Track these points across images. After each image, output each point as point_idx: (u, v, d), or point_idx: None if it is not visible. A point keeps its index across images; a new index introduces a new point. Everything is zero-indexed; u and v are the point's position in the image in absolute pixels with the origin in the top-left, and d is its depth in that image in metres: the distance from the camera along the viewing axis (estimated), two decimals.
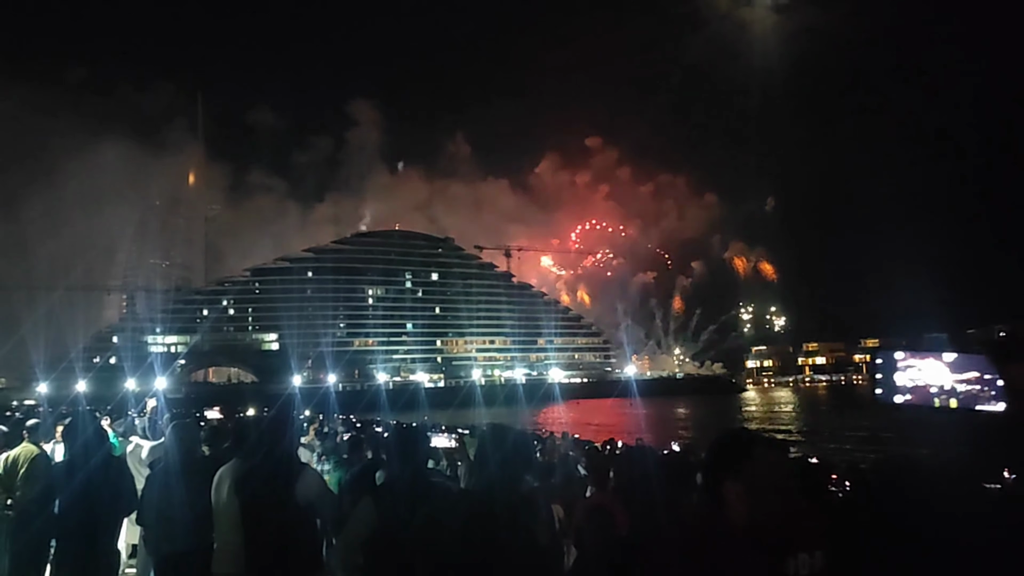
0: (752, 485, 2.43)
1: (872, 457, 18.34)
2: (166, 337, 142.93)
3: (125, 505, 5.79)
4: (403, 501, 3.94)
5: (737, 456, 2.51)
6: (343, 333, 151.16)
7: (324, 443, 10.77)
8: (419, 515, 3.60)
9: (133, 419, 11.34)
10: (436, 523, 3.38)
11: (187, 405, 45.66)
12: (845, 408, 74.96)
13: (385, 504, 3.99)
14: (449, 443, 9.64)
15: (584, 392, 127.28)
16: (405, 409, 62.46)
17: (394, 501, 3.97)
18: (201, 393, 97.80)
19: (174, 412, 14.25)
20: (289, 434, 4.53)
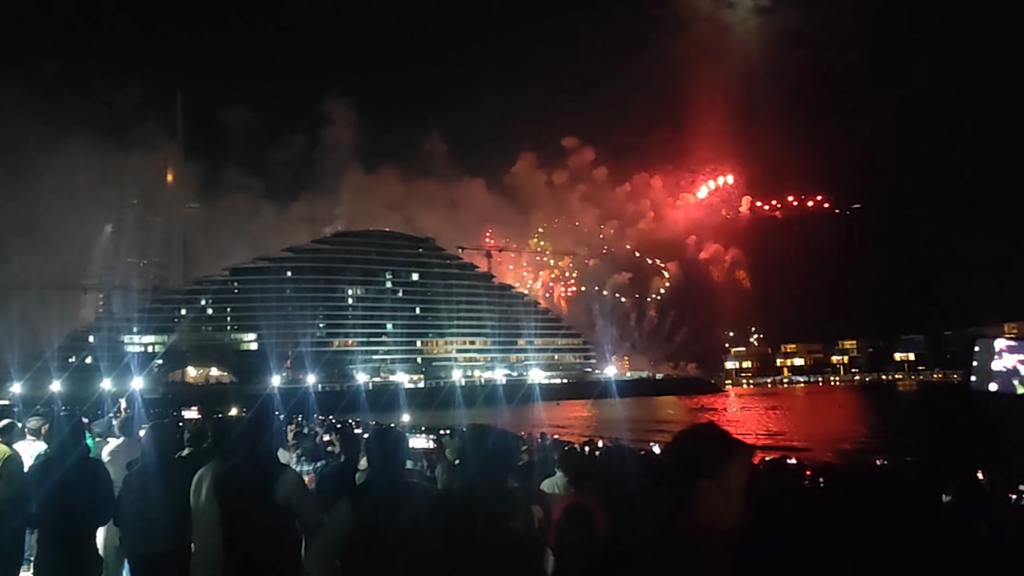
0: (727, 487, 2.46)
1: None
2: (143, 337, 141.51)
3: (102, 507, 5.73)
4: (380, 502, 3.95)
5: (719, 457, 2.49)
6: (322, 333, 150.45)
7: (303, 444, 10.73)
8: (402, 517, 3.61)
9: (111, 420, 11.24)
10: (418, 525, 3.40)
11: (164, 405, 45.22)
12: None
13: (362, 505, 4.00)
14: (427, 444, 9.63)
15: (564, 393, 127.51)
16: (385, 410, 62.20)
17: (371, 502, 3.97)
18: (179, 393, 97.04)
19: (150, 412, 14.19)
20: (268, 435, 4.51)
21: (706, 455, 2.51)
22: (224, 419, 4.60)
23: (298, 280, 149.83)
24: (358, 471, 6.80)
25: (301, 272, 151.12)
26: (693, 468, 2.47)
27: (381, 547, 3.65)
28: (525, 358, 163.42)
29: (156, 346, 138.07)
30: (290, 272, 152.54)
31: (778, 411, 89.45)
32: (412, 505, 3.76)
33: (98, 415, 14.05)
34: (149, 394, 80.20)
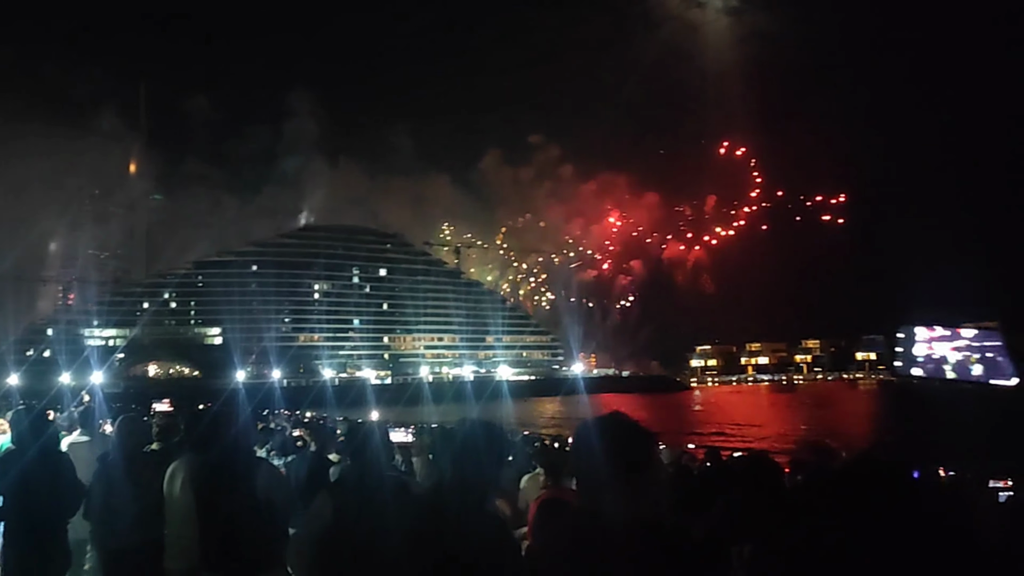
0: (655, 480, 2.53)
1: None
2: (103, 330, 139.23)
3: (68, 500, 5.58)
4: (359, 496, 3.86)
5: (650, 451, 2.56)
6: (288, 328, 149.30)
7: (272, 439, 10.58)
8: (380, 510, 3.53)
9: (74, 413, 10.98)
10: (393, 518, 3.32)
11: (126, 400, 44.54)
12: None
13: (341, 500, 3.91)
14: (405, 438, 9.54)
15: (532, 389, 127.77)
16: (352, 406, 61.81)
17: (350, 496, 3.89)
18: (140, 388, 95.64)
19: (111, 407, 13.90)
20: (245, 429, 4.41)
21: (639, 448, 2.53)
22: (196, 412, 4.49)
23: (263, 274, 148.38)
24: (332, 465, 6.70)
25: (266, 266, 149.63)
26: (632, 461, 2.48)
27: (360, 540, 3.57)
28: (493, 355, 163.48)
29: (117, 340, 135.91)
30: (255, 266, 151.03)
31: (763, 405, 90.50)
32: (391, 498, 3.69)
33: (57, 409, 13.74)
34: (110, 388, 78.93)
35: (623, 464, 2.47)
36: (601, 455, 2.51)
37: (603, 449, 2.52)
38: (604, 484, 2.44)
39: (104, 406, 14.16)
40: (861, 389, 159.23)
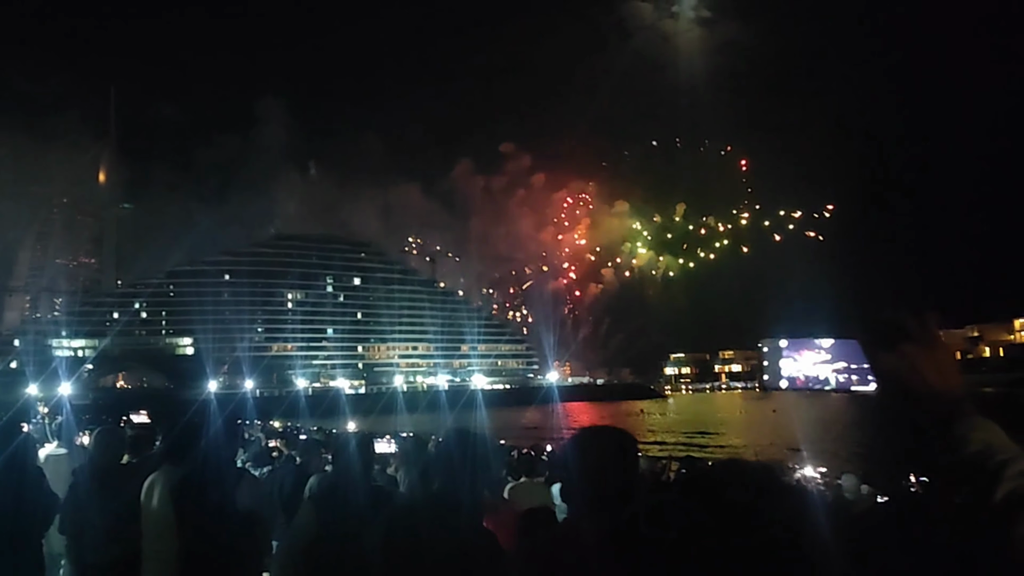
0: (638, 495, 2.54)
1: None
2: (72, 341, 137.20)
3: (40, 514, 5.50)
4: (344, 507, 3.86)
5: (634, 470, 2.60)
6: (261, 338, 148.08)
7: (249, 450, 10.51)
8: (365, 522, 3.53)
9: (44, 425, 10.84)
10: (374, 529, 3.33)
11: (95, 411, 43.86)
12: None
13: (324, 511, 3.91)
14: (389, 448, 9.52)
15: (507, 398, 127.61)
16: (325, 416, 61.41)
17: (334, 508, 3.89)
18: (110, 399, 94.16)
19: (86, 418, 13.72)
20: (223, 439, 4.37)
21: (623, 469, 2.51)
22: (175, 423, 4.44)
23: (236, 283, 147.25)
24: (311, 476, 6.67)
25: (239, 275, 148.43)
26: (617, 485, 2.45)
27: (344, 551, 3.56)
28: (468, 364, 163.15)
29: (86, 350, 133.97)
30: (228, 275, 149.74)
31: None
32: (374, 509, 3.69)
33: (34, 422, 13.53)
34: (78, 400, 77.63)
35: (610, 485, 2.46)
36: (588, 474, 2.50)
37: (589, 469, 2.51)
38: (591, 500, 2.45)
39: (72, 418, 13.98)
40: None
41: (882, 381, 1.43)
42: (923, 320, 1.52)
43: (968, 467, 1.31)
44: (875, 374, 1.44)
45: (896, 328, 1.51)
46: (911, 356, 1.48)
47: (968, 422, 1.38)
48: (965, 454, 1.33)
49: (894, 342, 1.50)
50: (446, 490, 3.43)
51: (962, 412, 1.41)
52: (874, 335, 1.54)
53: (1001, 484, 1.24)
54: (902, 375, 1.48)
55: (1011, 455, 1.29)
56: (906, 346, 1.49)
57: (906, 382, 1.47)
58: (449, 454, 3.49)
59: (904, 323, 1.52)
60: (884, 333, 1.52)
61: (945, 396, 1.43)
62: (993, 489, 1.23)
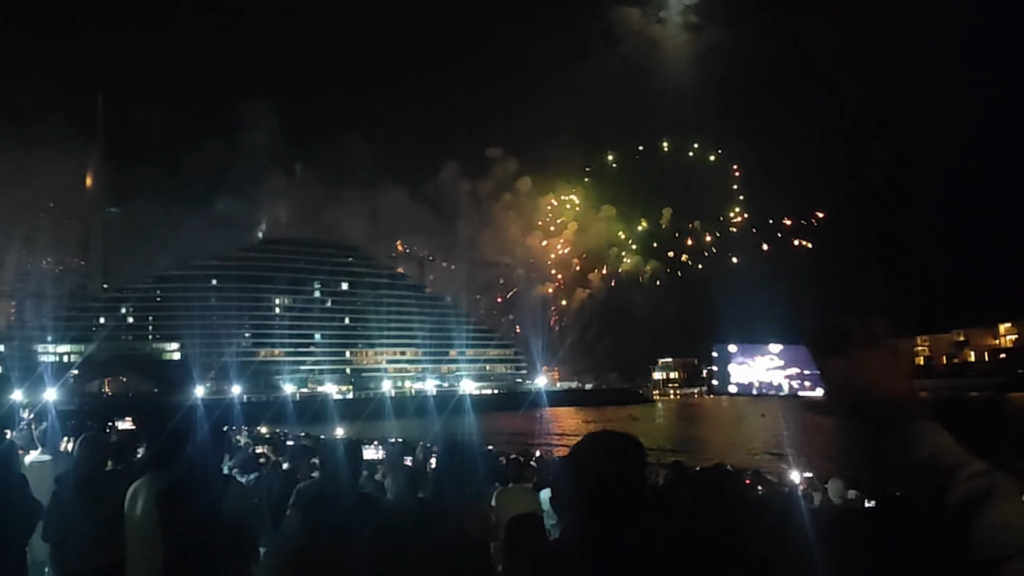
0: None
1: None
2: (58, 346, 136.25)
3: (21, 521, 5.44)
4: (332, 514, 3.84)
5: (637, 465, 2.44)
6: (248, 343, 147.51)
7: (235, 456, 10.45)
8: (353, 529, 3.52)
9: (31, 431, 10.76)
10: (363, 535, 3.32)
11: (80, 417, 43.59)
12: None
13: (312, 518, 3.88)
14: (376, 454, 9.49)
15: (495, 403, 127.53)
16: (313, 421, 61.13)
17: (321, 514, 3.86)
18: (96, 404, 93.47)
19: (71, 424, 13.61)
20: (209, 445, 4.35)
21: (615, 463, 2.34)
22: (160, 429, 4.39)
23: (223, 288, 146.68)
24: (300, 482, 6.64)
25: (227, 280, 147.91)
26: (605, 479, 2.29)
27: (332, 558, 3.54)
28: (457, 369, 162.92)
29: (72, 355, 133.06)
30: (215, 280, 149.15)
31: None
32: (362, 516, 3.68)
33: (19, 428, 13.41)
34: (63, 406, 77.01)
35: (613, 497, 2.28)
36: (586, 485, 2.31)
37: (589, 479, 2.31)
38: (588, 513, 2.29)
39: (57, 424, 13.88)
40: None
41: (830, 387, 1.50)
42: (870, 324, 1.51)
43: (919, 471, 1.31)
44: (823, 380, 1.47)
45: (842, 333, 1.50)
46: (858, 361, 1.47)
47: (917, 426, 1.38)
48: (916, 458, 1.33)
49: (841, 347, 1.49)
50: (433, 497, 3.42)
51: (910, 416, 1.40)
52: (821, 340, 1.52)
53: (955, 488, 1.24)
54: (849, 380, 1.47)
55: (961, 458, 1.29)
56: (853, 351, 1.48)
57: (853, 387, 1.46)
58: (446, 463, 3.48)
59: (850, 328, 1.50)
60: (831, 338, 1.51)
61: (892, 401, 1.43)
62: (947, 493, 1.24)
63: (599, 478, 2.25)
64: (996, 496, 1.20)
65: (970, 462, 1.28)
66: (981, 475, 1.24)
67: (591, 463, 2.33)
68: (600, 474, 2.26)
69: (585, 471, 2.32)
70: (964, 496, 1.22)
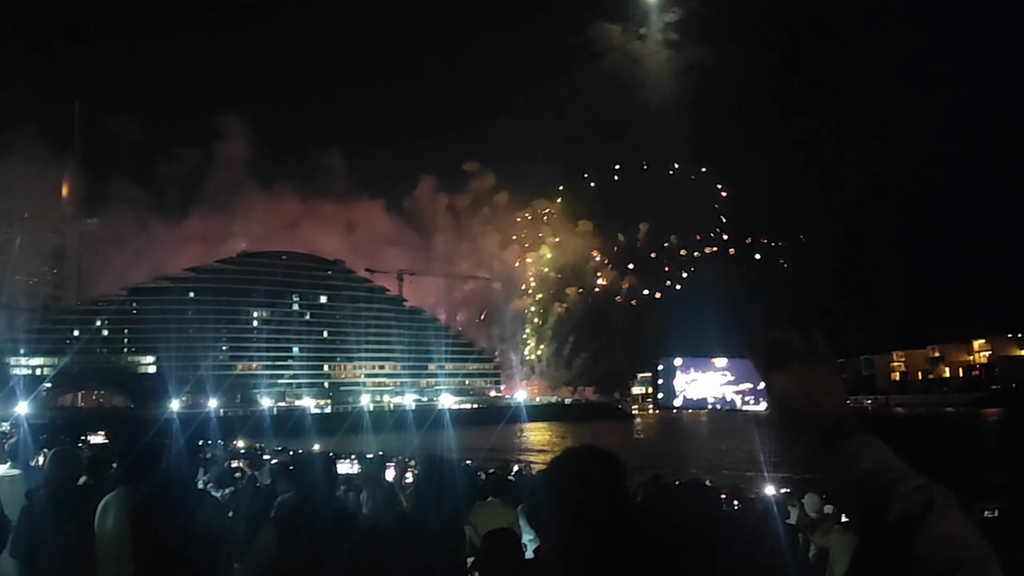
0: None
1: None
2: (31, 359, 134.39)
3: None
4: (306, 528, 3.81)
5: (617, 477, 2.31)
6: (225, 356, 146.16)
7: (211, 471, 10.35)
8: (327, 542, 3.49)
9: (4, 445, 10.58)
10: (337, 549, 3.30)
11: (52, 431, 43.02)
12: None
13: (286, 533, 3.85)
14: (351, 469, 9.43)
15: (474, 418, 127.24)
16: (291, 435, 60.70)
17: (295, 530, 3.83)
18: (69, 418, 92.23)
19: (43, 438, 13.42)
20: (183, 459, 4.30)
21: (596, 478, 2.32)
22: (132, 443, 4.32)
23: (200, 301, 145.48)
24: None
25: (204, 293, 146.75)
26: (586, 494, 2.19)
27: (309, 573, 3.52)
28: (435, 383, 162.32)
29: (45, 368, 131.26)
30: (192, 293, 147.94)
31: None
32: (337, 531, 3.65)
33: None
34: (35, 419, 75.93)
35: (589, 512, 2.13)
36: (564, 501, 2.20)
37: (566, 495, 2.20)
38: (565, 529, 2.23)
39: (29, 438, 13.68)
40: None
41: (774, 400, 1.52)
42: (810, 338, 1.52)
43: (860, 486, 1.31)
44: (768, 393, 1.51)
45: (785, 346, 1.51)
46: (800, 375, 1.48)
47: (858, 440, 1.38)
48: (856, 473, 1.33)
49: (785, 361, 1.50)
50: (411, 512, 3.41)
51: (849, 430, 1.41)
52: (764, 353, 1.53)
53: (895, 502, 1.24)
54: (793, 394, 1.48)
55: (901, 472, 1.30)
56: (796, 365, 1.49)
57: (797, 401, 1.47)
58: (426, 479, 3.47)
59: (791, 341, 1.51)
60: (774, 351, 1.52)
61: (834, 415, 1.44)
62: (887, 507, 1.24)
63: (577, 493, 2.17)
64: (936, 509, 1.20)
65: (910, 476, 1.28)
66: (920, 488, 1.25)
67: (569, 478, 2.24)
68: (578, 489, 2.18)
69: (563, 486, 2.23)
70: (905, 510, 1.22)
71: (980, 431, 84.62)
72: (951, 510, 1.22)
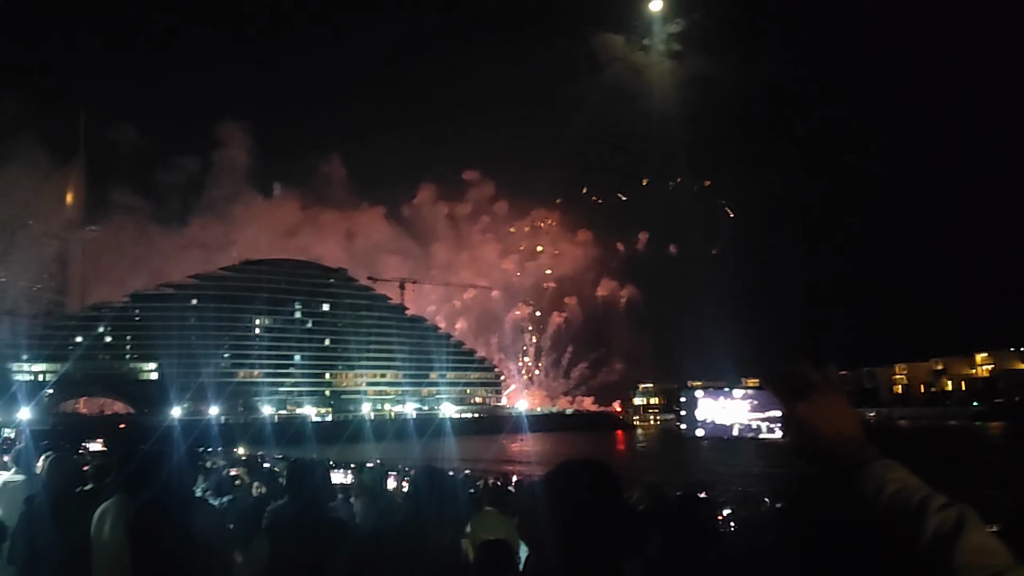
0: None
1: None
2: (33, 364, 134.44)
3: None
4: (298, 536, 3.81)
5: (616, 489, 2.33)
6: (227, 363, 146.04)
7: (209, 479, 10.34)
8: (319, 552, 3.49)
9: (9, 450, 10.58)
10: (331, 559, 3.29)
11: (54, 437, 42.94)
12: None
13: (279, 542, 3.85)
14: (344, 478, 9.41)
15: (475, 427, 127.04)
16: (291, 443, 60.65)
17: (288, 539, 3.83)
18: (71, 424, 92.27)
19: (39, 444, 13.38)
20: (181, 467, 4.31)
21: (597, 489, 2.27)
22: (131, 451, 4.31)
23: (203, 308, 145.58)
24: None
25: (206, 300, 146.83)
26: (586, 505, 2.22)
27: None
28: (437, 391, 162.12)
29: (47, 374, 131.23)
30: (195, 300, 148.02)
31: None
32: (329, 541, 3.65)
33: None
34: (37, 425, 75.98)
35: (581, 527, 2.18)
36: (557, 514, 2.21)
37: (559, 508, 2.22)
38: (558, 543, 2.20)
39: (31, 444, 13.67)
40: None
41: (796, 430, 1.58)
42: (824, 370, 1.59)
43: (889, 507, 1.37)
44: (790, 424, 1.58)
45: (802, 379, 1.58)
46: (821, 404, 1.55)
47: (881, 464, 1.46)
48: (885, 495, 1.38)
49: (806, 391, 1.57)
50: (409, 522, 3.41)
51: (871, 455, 1.49)
52: (784, 385, 1.60)
53: (928, 519, 1.31)
54: (814, 423, 1.55)
55: (927, 492, 1.37)
56: (813, 396, 1.56)
57: (817, 430, 1.54)
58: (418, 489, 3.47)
59: (807, 373, 1.59)
60: (794, 383, 1.58)
61: (852, 442, 1.52)
62: (921, 525, 1.30)
63: (574, 505, 2.18)
64: (969, 523, 1.29)
65: (936, 495, 1.35)
66: (950, 505, 1.33)
67: (565, 490, 2.26)
68: (575, 501, 2.19)
69: (559, 498, 2.25)
70: (940, 525, 1.29)
71: (983, 444, 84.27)
72: (980, 524, 1.30)
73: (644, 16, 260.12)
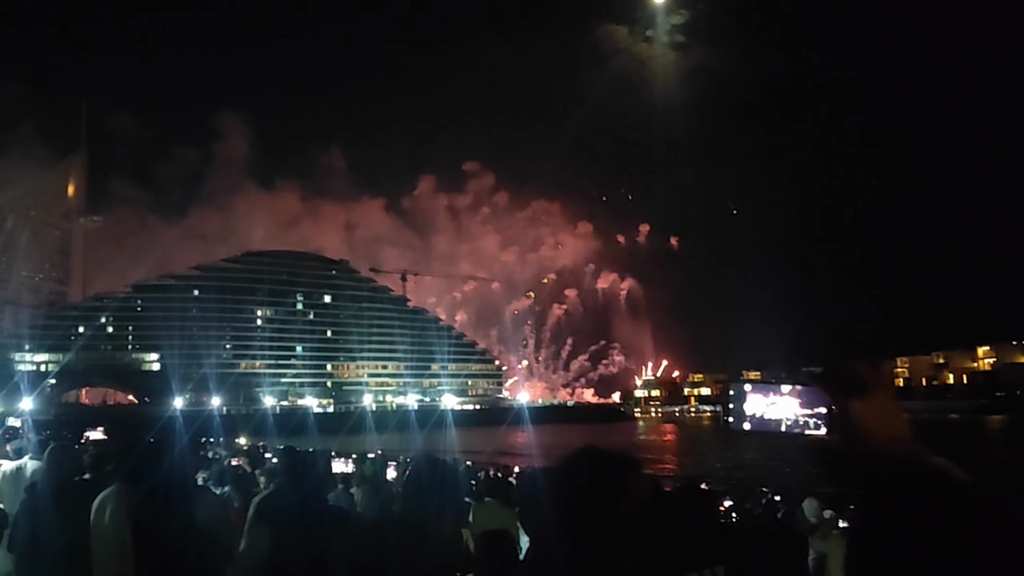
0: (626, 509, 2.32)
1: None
2: (35, 355, 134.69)
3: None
4: (298, 525, 3.81)
5: (614, 478, 2.25)
6: (229, 354, 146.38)
7: (211, 469, 10.34)
8: (319, 540, 3.49)
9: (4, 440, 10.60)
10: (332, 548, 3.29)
11: (56, 427, 43.04)
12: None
13: (279, 530, 3.85)
14: (345, 468, 9.43)
15: (477, 419, 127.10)
16: (293, 434, 60.77)
17: (288, 527, 3.83)
18: (73, 414, 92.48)
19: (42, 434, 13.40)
20: (183, 457, 4.31)
21: (601, 478, 2.23)
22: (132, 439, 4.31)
23: (205, 299, 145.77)
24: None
25: (208, 291, 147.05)
26: (590, 493, 2.19)
27: (299, 572, 3.51)
28: (438, 383, 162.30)
29: (50, 365, 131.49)
30: (197, 291, 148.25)
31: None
32: (330, 529, 3.65)
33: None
34: (39, 415, 76.15)
35: (596, 516, 2.15)
36: (565, 503, 2.20)
37: (565, 503, 2.20)
38: (563, 533, 2.17)
39: (33, 433, 13.70)
40: None
41: (850, 428, 1.58)
42: (879, 369, 1.61)
43: (960, 495, 1.39)
44: (845, 422, 1.59)
45: (860, 378, 1.59)
46: (874, 404, 1.57)
47: (935, 460, 1.47)
48: (957, 482, 1.41)
49: (862, 391, 1.58)
50: (410, 512, 3.40)
51: (926, 453, 1.50)
52: (841, 384, 1.62)
53: (998, 505, 1.36)
54: (870, 422, 1.56)
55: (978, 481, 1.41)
56: (869, 395, 1.57)
57: (873, 429, 1.55)
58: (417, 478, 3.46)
59: (865, 373, 1.60)
60: (852, 382, 1.60)
61: (904, 442, 1.53)
62: (993, 512, 1.35)
63: (581, 492, 2.15)
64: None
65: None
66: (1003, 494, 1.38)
67: (574, 477, 2.23)
68: (583, 489, 2.16)
69: (567, 486, 2.22)
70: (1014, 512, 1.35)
71: (985, 437, 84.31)
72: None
73: (648, 7, 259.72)
